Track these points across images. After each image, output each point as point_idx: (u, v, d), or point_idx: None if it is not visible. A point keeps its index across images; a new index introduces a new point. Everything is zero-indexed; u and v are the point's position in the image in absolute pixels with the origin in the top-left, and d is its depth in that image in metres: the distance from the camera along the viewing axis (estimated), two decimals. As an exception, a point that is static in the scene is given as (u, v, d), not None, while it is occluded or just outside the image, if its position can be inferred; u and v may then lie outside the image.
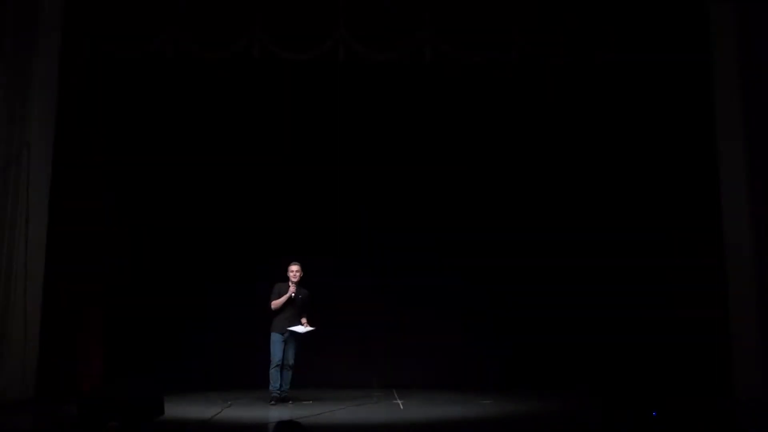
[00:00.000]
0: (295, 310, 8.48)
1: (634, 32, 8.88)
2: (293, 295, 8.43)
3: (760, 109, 8.39)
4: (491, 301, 9.98)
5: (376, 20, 8.77)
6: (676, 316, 9.12)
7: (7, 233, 8.22)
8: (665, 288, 9.37)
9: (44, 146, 8.63)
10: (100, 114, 9.28)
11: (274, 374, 8.36)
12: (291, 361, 8.46)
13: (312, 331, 8.50)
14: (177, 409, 7.71)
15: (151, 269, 9.91)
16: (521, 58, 8.79)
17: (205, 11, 8.77)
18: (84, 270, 8.90)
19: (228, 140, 10.20)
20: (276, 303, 8.44)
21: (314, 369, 9.80)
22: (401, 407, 8.34)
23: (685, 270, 9.17)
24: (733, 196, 8.49)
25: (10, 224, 8.24)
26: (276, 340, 8.41)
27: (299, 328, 8.43)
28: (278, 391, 8.37)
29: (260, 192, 10.15)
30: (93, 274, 9.06)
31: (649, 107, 9.41)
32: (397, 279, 10.01)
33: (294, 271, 8.48)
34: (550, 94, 9.79)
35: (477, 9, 8.81)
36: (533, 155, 10.13)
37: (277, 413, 7.85)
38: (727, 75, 8.59)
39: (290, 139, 10.10)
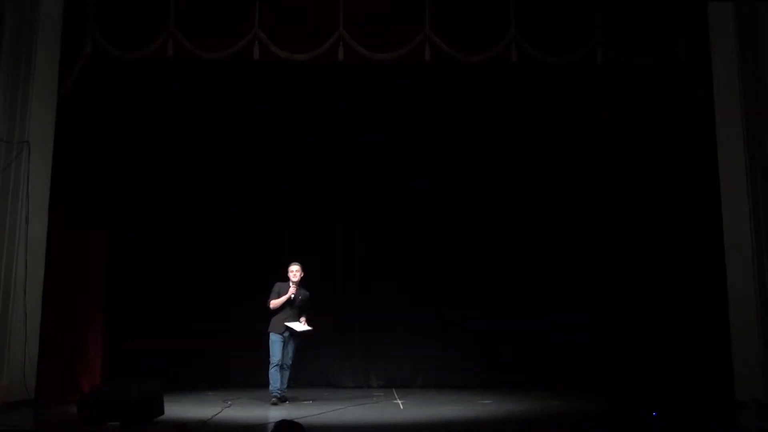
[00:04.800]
0: (294, 310, 8.50)
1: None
2: (293, 295, 8.44)
3: (760, 108, 8.39)
4: (492, 300, 9.98)
5: (375, 21, 8.76)
6: (676, 316, 9.15)
7: (8, 233, 8.22)
8: (665, 288, 9.40)
9: (44, 146, 8.63)
10: (100, 113, 9.28)
11: (273, 374, 8.38)
12: (289, 361, 8.49)
13: (309, 331, 8.50)
14: (177, 409, 7.72)
15: (151, 269, 9.93)
16: (520, 57, 8.77)
17: (205, 11, 8.78)
18: (84, 270, 8.90)
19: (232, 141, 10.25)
20: (275, 302, 8.46)
21: (314, 369, 9.84)
22: (401, 407, 8.34)
23: (685, 269, 9.22)
24: (733, 196, 8.49)
25: (10, 224, 8.24)
26: (275, 340, 8.43)
27: (296, 326, 8.42)
28: (279, 392, 8.40)
29: (260, 196, 10.15)
30: (93, 274, 9.06)
31: (649, 110, 9.43)
32: (397, 278, 10.01)
33: (294, 271, 8.51)
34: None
35: (473, 9, 8.81)
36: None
37: (276, 413, 7.85)
38: (727, 74, 8.58)
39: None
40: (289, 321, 8.44)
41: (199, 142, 10.22)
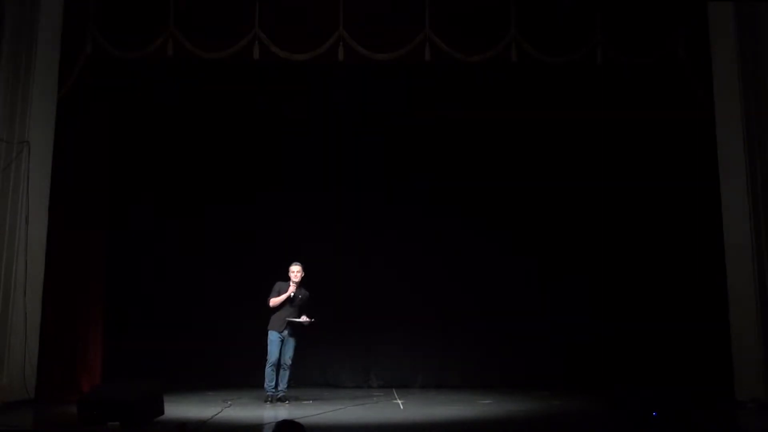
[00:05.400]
0: (294, 309, 8.52)
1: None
2: (293, 294, 8.47)
3: (760, 108, 8.39)
4: (492, 300, 9.98)
5: (375, 21, 8.76)
6: (677, 316, 9.15)
7: (8, 233, 8.22)
8: (666, 288, 9.40)
9: (44, 146, 8.64)
10: (100, 113, 9.28)
11: (269, 373, 8.42)
12: (289, 361, 8.50)
13: (311, 322, 8.49)
14: (177, 409, 7.72)
15: (151, 269, 9.92)
16: (520, 57, 8.76)
17: (205, 11, 8.77)
18: (84, 270, 8.90)
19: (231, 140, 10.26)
20: (275, 300, 8.50)
21: (314, 369, 9.84)
22: (401, 407, 8.34)
23: (685, 269, 9.21)
24: (733, 196, 8.49)
25: (10, 224, 8.24)
26: (273, 338, 8.46)
27: (300, 319, 8.45)
28: (274, 391, 8.43)
29: (260, 196, 10.15)
30: (93, 274, 9.06)
31: (649, 110, 9.44)
32: (397, 278, 10.00)
33: (295, 271, 8.56)
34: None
35: (473, 9, 8.81)
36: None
37: (276, 413, 7.85)
38: (727, 74, 8.58)
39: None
40: (290, 318, 8.47)
41: (199, 142, 10.23)
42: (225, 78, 9.60)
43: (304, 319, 8.49)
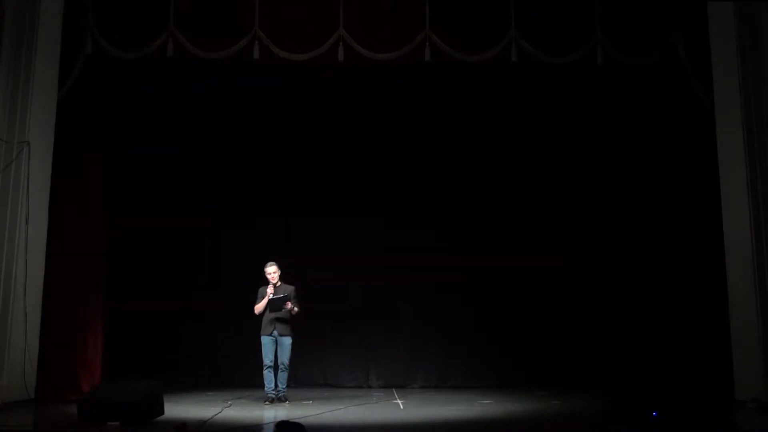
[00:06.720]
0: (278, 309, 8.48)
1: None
2: (271, 296, 8.47)
3: (760, 108, 8.39)
4: (491, 299, 9.98)
5: (375, 21, 8.76)
6: (676, 316, 9.15)
7: (7, 233, 8.23)
8: (665, 288, 9.39)
9: (44, 146, 8.64)
10: (100, 113, 9.27)
11: (266, 375, 8.46)
12: (286, 362, 8.49)
13: (285, 297, 8.40)
14: (177, 409, 7.72)
15: (152, 269, 9.92)
16: (520, 57, 8.75)
17: (205, 11, 8.77)
18: (84, 270, 8.90)
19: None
20: (257, 308, 8.57)
21: (314, 369, 9.84)
22: (401, 407, 8.34)
23: (685, 269, 9.21)
24: (733, 196, 8.49)
25: (10, 224, 8.25)
26: (265, 342, 8.50)
27: (283, 303, 8.38)
28: (273, 392, 8.44)
29: (260, 196, 10.16)
30: (93, 274, 9.06)
31: (650, 110, 9.44)
32: (397, 278, 9.99)
33: (270, 273, 8.56)
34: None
35: (473, 10, 8.81)
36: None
37: (276, 413, 7.85)
38: (727, 74, 8.59)
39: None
40: (274, 321, 8.43)
41: (198, 141, 10.23)
42: (225, 77, 9.60)
43: (288, 305, 8.42)
